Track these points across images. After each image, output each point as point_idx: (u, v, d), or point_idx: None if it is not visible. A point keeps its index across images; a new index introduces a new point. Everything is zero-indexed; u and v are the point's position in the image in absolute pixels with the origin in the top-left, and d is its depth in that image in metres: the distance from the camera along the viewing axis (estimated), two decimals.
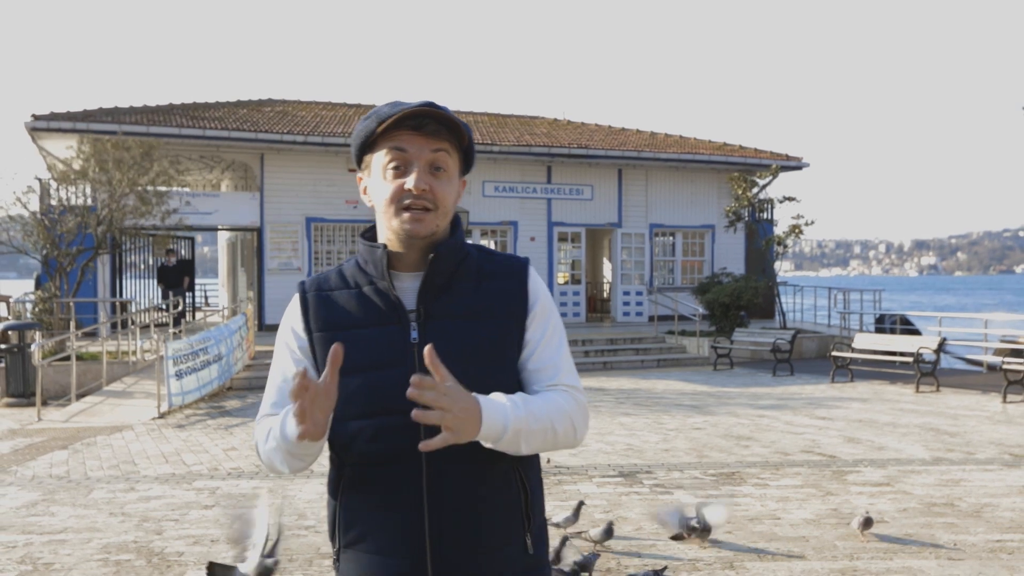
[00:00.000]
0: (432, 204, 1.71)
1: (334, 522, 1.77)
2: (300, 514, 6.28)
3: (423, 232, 1.71)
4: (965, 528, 5.84)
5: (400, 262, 1.76)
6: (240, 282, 23.52)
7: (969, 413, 11.21)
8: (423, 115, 1.69)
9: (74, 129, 17.52)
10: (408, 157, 1.70)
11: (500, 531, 1.72)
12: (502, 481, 1.72)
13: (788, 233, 20.51)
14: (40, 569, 5.09)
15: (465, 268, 1.77)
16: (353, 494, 1.72)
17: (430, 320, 1.72)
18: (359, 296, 1.75)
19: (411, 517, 1.66)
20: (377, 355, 1.69)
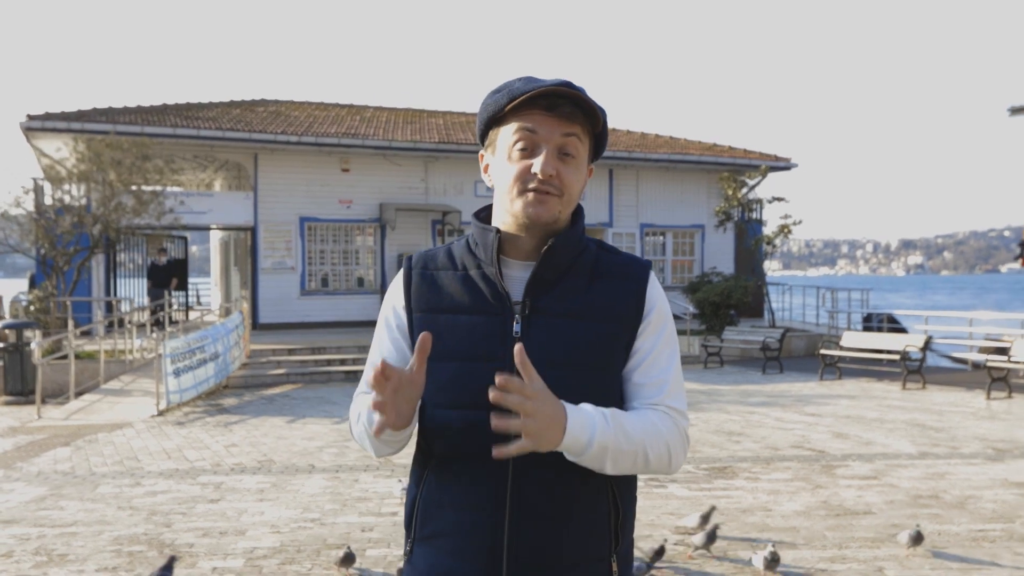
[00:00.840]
0: (558, 190, 1.59)
1: (411, 514, 1.69)
2: (305, 507, 6.44)
3: (545, 217, 1.59)
4: (949, 519, 6.05)
5: (513, 248, 1.65)
6: (233, 281, 23.59)
7: (954, 409, 11.46)
8: (557, 95, 1.58)
9: (69, 129, 17.57)
10: (537, 139, 1.59)
11: (584, 548, 1.61)
12: (593, 495, 1.62)
13: (777, 233, 20.77)
14: (55, 560, 5.23)
15: (581, 263, 1.66)
16: (435, 487, 1.64)
17: (535, 315, 1.61)
18: (465, 279, 1.66)
19: (491, 520, 1.58)
20: (475, 344, 1.61)
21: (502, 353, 1.59)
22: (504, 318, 1.61)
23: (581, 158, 1.63)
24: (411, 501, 1.70)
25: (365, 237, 21.13)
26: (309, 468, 7.86)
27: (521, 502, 1.57)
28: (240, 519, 6.13)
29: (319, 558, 5.23)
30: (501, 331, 1.60)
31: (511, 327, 1.60)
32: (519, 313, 1.61)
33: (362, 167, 20.76)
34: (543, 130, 1.58)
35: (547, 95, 1.57)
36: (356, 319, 20.54)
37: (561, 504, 1.58)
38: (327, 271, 20.69)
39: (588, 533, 1.61)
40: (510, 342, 1.59)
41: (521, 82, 1.61)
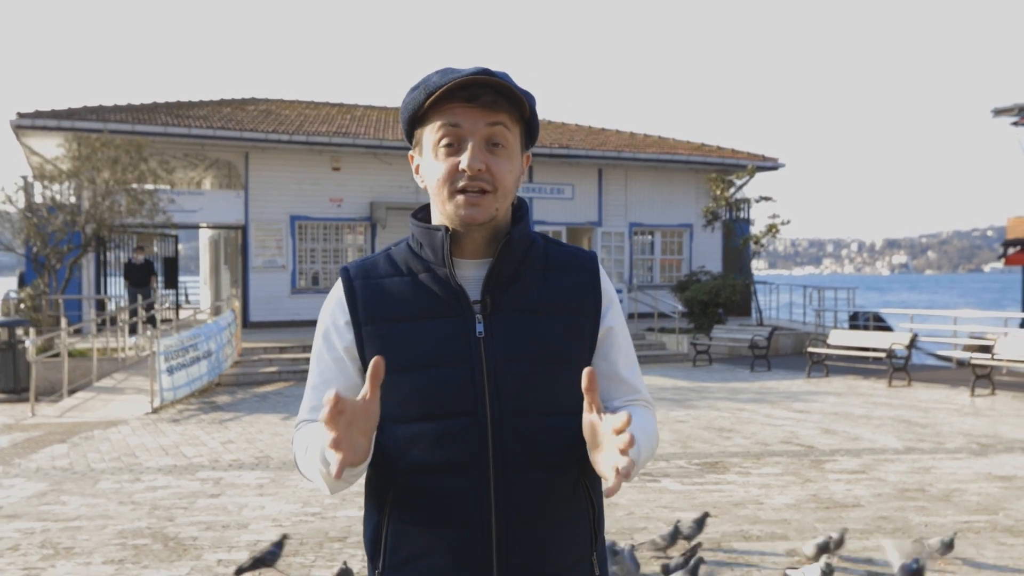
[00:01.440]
0: (490, 185, 1.51)
1: (377, 540, 1.57)
2: (304, 502, 6.54)
3: (480, 218, 1.52)
4: (935, 511, 6.22)
5: (459, 248, 1.57)
6: (223, 280, 23.61)
7: (939, 406, 11.66)
8: (477, 84, 1.48)
9: (59, 127, 17.56)
10: (461, 132, 1.50)
11: (569, 550, 1.57)
12: (572, 493, 1.57)
13: (765, 232, 20.98)
14: (61, 553, 5.31)
15: (532, 257, 1.60)
16: (405, 509, 1.53)
17: (496, 312, 1.54)
18: (414, 284, 1.56)
19: (476, 534, 1.50)
20: (437, 351, 1.52)
21: (467, 355, 1.51)
22: (464, 319, 1.53)
23: (512, 147, 1.54)
24: (374, 529, 1.57)
25: (356, 236, 21.20)
26: None
27: (507, 510, 1.50)
28: (241, 513, 6.23)
29: (322, 551, 5.33)
30: (463, 332, 1.53)
31: (473, 327, 1.53)
32: (480, 312, 1.54)
33: (353, 166, 20.82)
34: (466, 123, 1.50)
35: (466, 86, 1.48)
36: None
37: (547, 507, 1.53)
38: (318, 269, 20.74)
39: (572, 534, 1.57)
40: (474, 343, 1.52)
41: (438, 75, 1.52)
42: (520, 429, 1.51)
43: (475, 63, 2.28)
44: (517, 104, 1.53)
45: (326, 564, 5.07)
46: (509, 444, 1.50)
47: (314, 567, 5.03)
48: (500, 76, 1.50)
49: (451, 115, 1.50)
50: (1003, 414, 10.93)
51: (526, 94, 1.53)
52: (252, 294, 19.77)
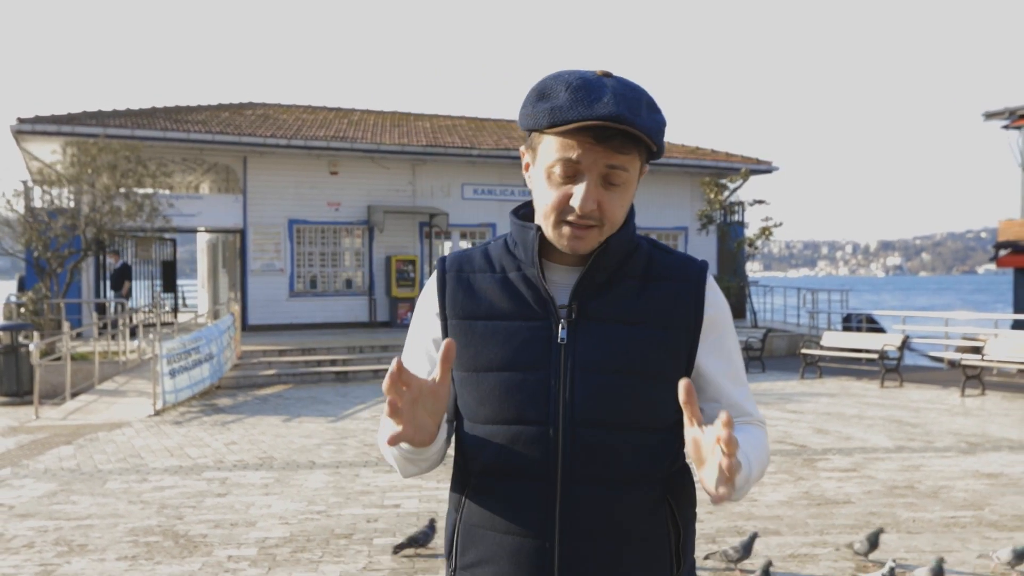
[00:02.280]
0: (598, 221, 1.45)
1: (452, 539, 1.57)
2: (310, 500, 6.70)
3: (584, 250, 1.47)
4: (923, 507, 6.40)
5: (555, 251, 1.52)
6: (221, 283, 23.74)
7: (930, 406, 11.86)
8: (610, 130, 1.40)
9: (59, 132, 17.69)
10: (579, 168, 1.43)
11: (643, 569, 1.49)
12: (649, 511, 1.49)
13: (758, 235, 21.20)
14: (76, 550, 5.47)
15: (632, 264, 1.53)
16: (476, 509, 1.52)
17: (583, 320, 1.49)
18: (503, 282, 1.53)
19: (538, 544, 1.46)
20: (516, 353, 1.48)
21: (546, 362, 1.47)
22: (548, 323, 1.49)
23: (630, 181, 1.47)
24: (451, 527, 1.58)
25: (353, 239, 21.35)
26: (310, 464, 8.11)
27: (571, 523, 1.45)
28: (248, 511, 6.38)
29: (328, 547, 5.50)
30: (545, 337, 1.48)
31: (556, 333, 1.48)
32: (565, 318, 1.49)
33: (350, 170, 20.98)
34: (587, 160, 1.42)
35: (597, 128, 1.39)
36: (344, 320, 20.76)
37: (615, 524, 1.47)
38: (315, 273, 20.89)
39: (646, 555, 1.49)
40: (555, 349, 1.47)
41: (569, 98, 1.40)
42: (591, 441, 1.45)
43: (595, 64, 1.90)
44: (645, 143, 1.44)
45: (333, 560, 5.23)
46: (579, 455, 1.45)
47: (322, 562, 5.19)
48: (632, 116, 1.39)
49: (573, 147, 1.42)
50: (992, 414, 11.13)
51: (656, 130, 1.43)
52: (250, 297, 19.91)
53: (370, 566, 5.12)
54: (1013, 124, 23.55)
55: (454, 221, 21.77)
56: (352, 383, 14.90)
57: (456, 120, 25.53)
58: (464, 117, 26.22)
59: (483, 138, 22.86)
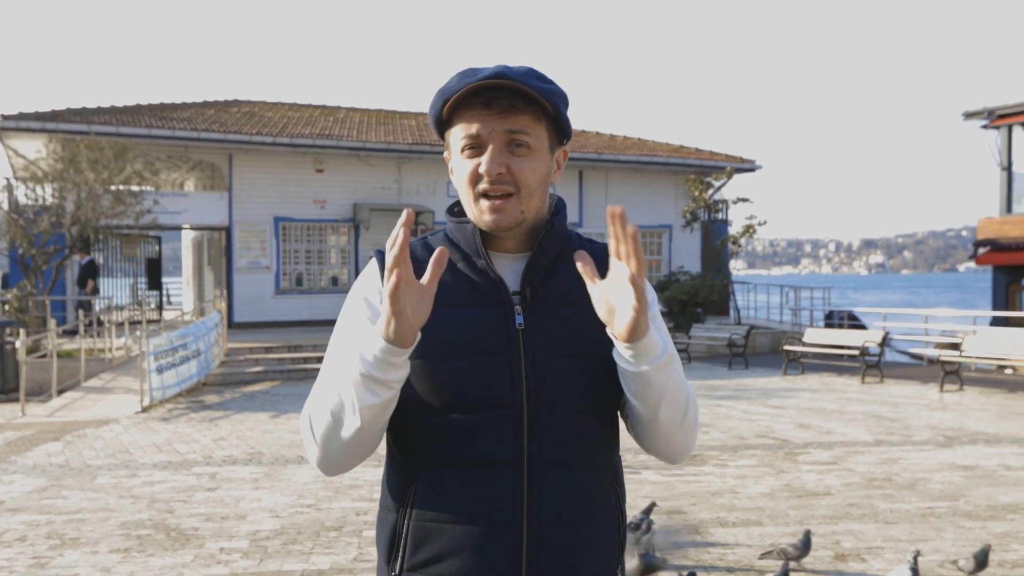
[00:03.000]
0: (512, 186, 1.48)
1: (395, 538, 1.49)
2: (299, 494, 6.78)
3: (505, 224, 1.50)
4: (901, 498, 6.56)
5: (495, 242, 1.55)
6: (207, 281, 23.72)
7: (909, 401, 12.06)
8: (492, 88, 1.45)
9: (43, 129, 17.64)
10: (480, 140, 1.48)
11: (601, 556, 1.52)
12: (604, 498, 1.53)
13: (742, 233, 21.40)
14: (68, 543, 5.53)
15: (568, 251, 1.54)
16: (429, 504, 1.46)
17: (536, 304, 1.51)
18: (452, 272, 1.51)
19: (507, 532, 1.43)
20: (476, 339, 1.47)
21: (506, 346, 1.47)
22: (504, 309, 1.50)
23: (536, 147, 1.49)
24: (391, 526, 1.50)
25: (339, 237, 21.40)
26: (299, 459, 8.19)
27: (541, 508, 1.44)
28: (239, 505, 6.46)
29: (319, 539, 5.58)
30: (503, 323, 1.49)
31: (513, 318, 1.49)
32: (519, 303, 1.51)
33: (336, 168, 21.02)
34: (484, 129, 1.47)
35: (481, 90, 1.45)
36: (330, 318, 20.73)
37: (579, 508, 1.48)
38: (301, 270, 20.92)
39: (603, 541, 1.52)
40: (514, 334, 1.48)
41: (457, 78, 1.49)
42: (558, 424, 1.46)
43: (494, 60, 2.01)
44: (538, 104, 1.48)
45: (324, 551, 5.32)
46: (546, 439, 1.45)
47: (312, 554, 5.28)
48: (517, 76, 1.46)
49: (470, 120, 1.48)
50: (969, 408, 11.34)
51: (547, 92, 1.48)
52: (236, 295, 19.91)
53: (360, 557, 5.21)
54: (992, 124, 23.86)
55: (440, 219, 21.82)
56: None
57: None
58: None
59: None
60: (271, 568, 5.01)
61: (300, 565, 5.05)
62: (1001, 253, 23.24)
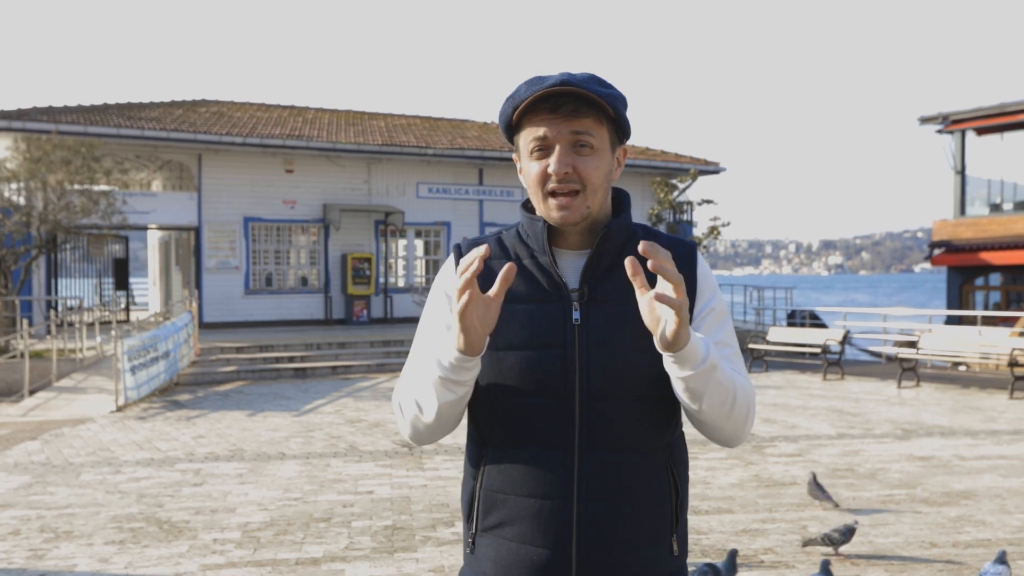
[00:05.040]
0: (579, 184, 1.63)
1: (471, 504, 1.70)
2: (285, 488, 6.95)
3: (572, 219, 1.64)
4: (862, 487, 6.90)
5: (562, 238, 1.70)
6: (174, 281, 23.60)
7: (869, 397, 12.50)
8: (558, 95, 1.61)
9: (9, 128, 17.47)
10: (548, 141, 1.63)
11: (648, 529, 1.64)
12: (655, 476, 1.65)
13: (707, 234, 21.84)
14: (62, 536, 5.66)
15: (630, 248, 1.66)
16: (496, 476, 1.65)
17: (593, 301, 1.65)
18: (520, 268, 1.68)
19: (558, 506, 1.60)
20: (535, 333, 1.63)
21: (563, 340, 1.61)
22: (563, 305, 1.64)
23: (600, 146, 1.64)
24: (469, 493, 1.71)
25: (309, 237, 21.44)
26: (280, 455, 8.34)
27: (588, 486, 1.59)
28: (227, 499, 6.61)
29: (309, 530, 5.77)
30: (561, 318, 1.63)
31: (570, 314, 1.63)
32: (577, 300, 1.65)
33: (306, 168, 21.07)
34: (552, 132, 1.61)
35: (548, 97, 1.60)
36: (300, 318, 20.85)
37: (626, 486, 1.61)
38: (271, 271, 20.93)
39: (651, 514, 1.64)
40: (570, 329, 1.62)
41: (526, 86, 1.64)
42: (606, 412, 1.60)
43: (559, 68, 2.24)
44: (600, 107, 1.62)
45: (315, 541, 5.51)
46: (595, 426, 1.60)
47: (304, 543, 5.47)
48: (581, 82, 1.60)
49: (538, 124, 1.63)
50: (926, 403, 11.81)
51: (609, 96, 1.63)
52: (206, 295, 19.87)
53: (351, 546, 5.41)
54: (946, 129, 24.59)
55: (409, 219, 21.99)
56: (311, 379, 15.07)
57: (411, 119, 25.73)
58: (419, 116, 26.44)
59: (438, 137, 23.10)
60: (266, 557, 5.19)
61: (294, 554, 5.24)
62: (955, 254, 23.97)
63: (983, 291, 24.39)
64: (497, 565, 1.64)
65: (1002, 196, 24.40)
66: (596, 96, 1.60)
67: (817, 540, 5.08)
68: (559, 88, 1.58)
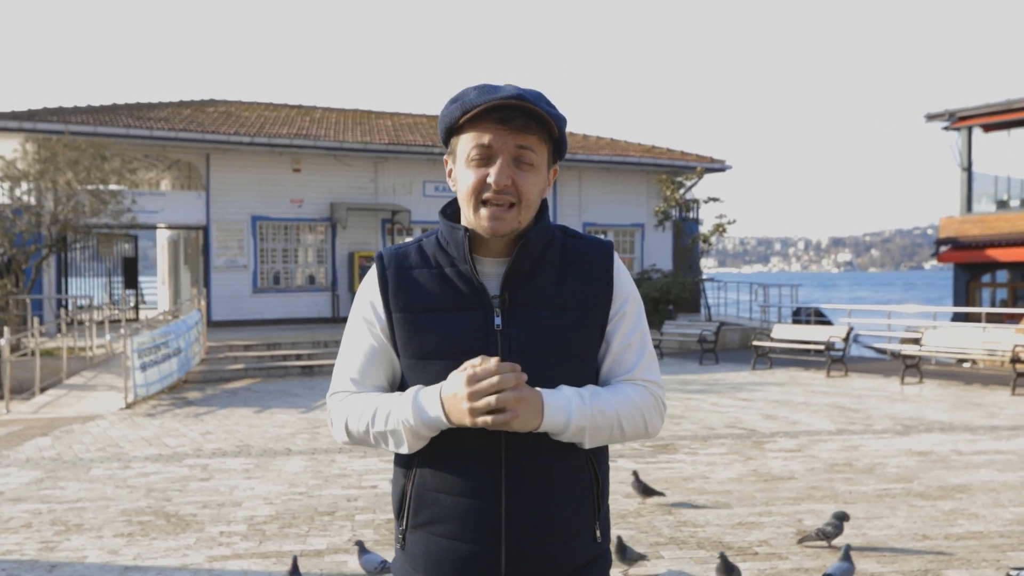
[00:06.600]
0: (515, 198, 1.66)
1: (403, 502, 1.75)
2: (291, 483, 7.08)
3: (502, 231, 1.67)
4: (859, 481, 6.99)
5: (482, 246, 1.72)
6: (183, 280, 23.79)
7: (871, 393, 12.56)
8: (510, 107, 1.63)
9: (20, 128, 17.68)
10: (492, 151, 1.65)
11: (572, 520, 1.72)
12: (577, 471, 1.72)
13: (712, 232, 21.91)
14: (73, 529, 5.79)
15: (550, 253, 1.74)
16: (427, 476, 1.70)
17: (514, 308, 1.69)
18: (441, 277, 1.71)
19: (487, 503, 1.66)
20: (458, 341, 1.67)
21: (485, 347, 1.66)
22: (484, 312, 1.69)
23: (539, 165, 1.68)
24: (400, 491, 1.76)
25: (316, 236, 21.60)
26: (287, 451, 8.47)
27: (515, 485, 1.66)
28: (233, 493, 6.74)
29: (314, 523, 5.89)
30: (483, 326, 1.68)
31: (492, 321, 1.68)
32: (498, 307, 1.69)
33: (313, 167, 21.22)
34: (497, 142, 1.63)
35: (500, 108, 1.62)
36: (307, 316, 21.02)
37: (551, 482, 1.68)
38: (279, 269, 21.10)
39: (575, 506, 1.72)
40: (492, 335, 1.67)
41: (476, 92, 1.65)
42: None
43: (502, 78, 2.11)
44: (547, 126, 1.67)
45: (319, 534, 5.63)
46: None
47: (309, 536, 5.59)
48: (532, 99, 1.64)
49: (484, 132, 1.65)
50: (928, 400, 11.87)
51: (556, 116, 1.67)
52: (214, 294, 20.06)
53: (355, 538, 5.52)
54: (953, 126, 24.58)
55: (416, 218, 22.10)
56: (318, 377, 15.22)
57: (417, 118, 25.86)
58: (425, 115, 26.56)
59: None
60: (271, 549, 5.31)
61: (298, 546, 5.36)
62: (961, 251, 23.96)
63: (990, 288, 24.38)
64: (428, 560, 1.71)
65: (1009, 193, 24.38)
66: (546, 114, 1.65)
67: (811, 535, 5.19)
68: (513, 101, 1.62)
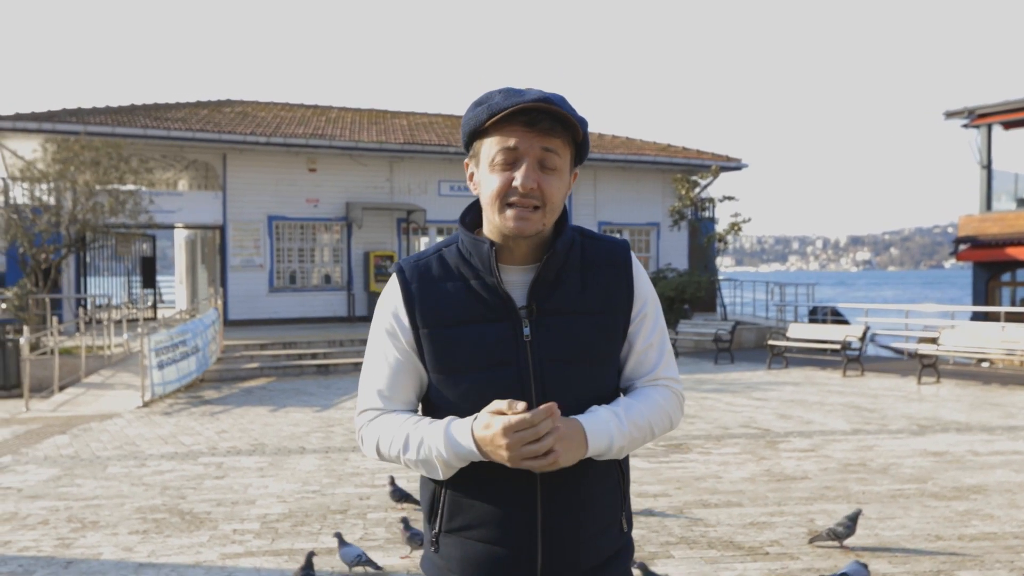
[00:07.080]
0: (540, 201, 1.66)
1: (434, 506, 1.75)
2: (304, 481, 7.12)
3: (528, 232, 1.67)
4: (873, 481, 6.95)
5: (507, 255, 1.72)
6: (200, 279, 23.96)
7: (887, 393, 12.48)
8: (537, 111, 1.64)
9: (39, 129, 17.87)
10: (517, 154, 1.65)
11: (603, 516, 1.76)
12: (607, 467, 1.76)
13: (728, 230, 21.82)
14: (89, 526, 5.86)
15: (571, 258, 1.75)
16: (462, 484, 1.70)
17: (542, 316, 1.70)
18: (467, 289, 1.71)
19: (523, 510, 1.68)
20: (488, 353, 1.68)
21: (515, 357, 1.68)
22: (512, 323, 1.70)
23: (562, 169, 1.69)
24: (431, 494, 1.77)
25: (332, 235, 21.70)
26: (301, 450, 8.52)
27: (550, 491, 1.68)
28: (247, 491, 6.80)
29: (326, 522, 5.93)
30: (512, 336, 1.69)
31: (521, 331, 1.69)
32: (526, 317, 1.70)
33: (328, 167, 21.32)
34: (523, 145, 1.64)
35: (527, 111, 1.63)
36: (323, 315, 21.12)
37: (585, 485, 1.71)
38: (295, 268, 21.21)
39: (605, 502, 1.76)
40: (522, 345, 1.68)
41: (501, 96, 1.66)
42: None
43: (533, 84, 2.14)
44: (572, 129, 1.68)
45: (331, 532, 5.65)
46: None
47: (321, 534, 5.63)
48: (558, 103, 1.64)
49: (510, 135, 1.65)
50: (944, 399, 11.78)
51: (580, 120, 1.69)
52: (231, 293, 20.19)
53: (366, 536, 5.56)
54: (972, 123, 24.34)
55: (431, 217, 22.15)
56: (333, 376, 15.29)
57: (433, 118, 25.91)
58: (440, 114, 26.61)
59: (458, 136, 23.20)
60: (283, 547, 5.35)
61: (310, 544, 5.39)
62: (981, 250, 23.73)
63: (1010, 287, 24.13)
64: (464, 564, 1.72)
65: None
66: (571, 118, 1.66)
67: (823, 535, 5.17)
68: (540, 104, 1.62)
